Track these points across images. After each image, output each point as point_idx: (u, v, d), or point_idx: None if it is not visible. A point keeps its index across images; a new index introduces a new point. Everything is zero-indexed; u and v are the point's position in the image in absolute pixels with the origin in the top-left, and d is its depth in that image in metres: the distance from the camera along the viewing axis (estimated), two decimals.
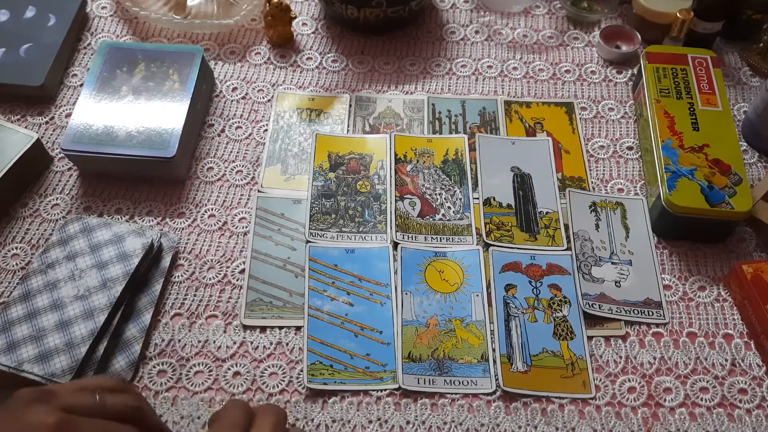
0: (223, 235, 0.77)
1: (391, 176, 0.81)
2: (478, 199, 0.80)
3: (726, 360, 0.69)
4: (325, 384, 0.66)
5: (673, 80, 0.82)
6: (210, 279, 0.73)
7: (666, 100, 0.80)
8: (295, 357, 0.68)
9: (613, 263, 0.75)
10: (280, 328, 0.70)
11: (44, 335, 0.65)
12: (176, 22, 0.93)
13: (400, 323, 0.70)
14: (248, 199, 0.80)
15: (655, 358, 0.69)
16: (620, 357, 0.69)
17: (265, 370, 0.68)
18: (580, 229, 0.77)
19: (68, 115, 0.85)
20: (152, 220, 0.77)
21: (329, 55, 0.94)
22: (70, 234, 0.73)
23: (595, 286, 0.73)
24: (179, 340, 0.69)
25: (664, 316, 0.71)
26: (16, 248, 0.75)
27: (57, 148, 0.83)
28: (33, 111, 0.86)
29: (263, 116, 0.87)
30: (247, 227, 0.77)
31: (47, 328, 0.66)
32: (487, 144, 0.84)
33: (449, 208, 0.79)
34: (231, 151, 0.84)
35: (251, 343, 0.69)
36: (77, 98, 0.83)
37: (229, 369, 0.68)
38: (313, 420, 0.64)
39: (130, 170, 0.79)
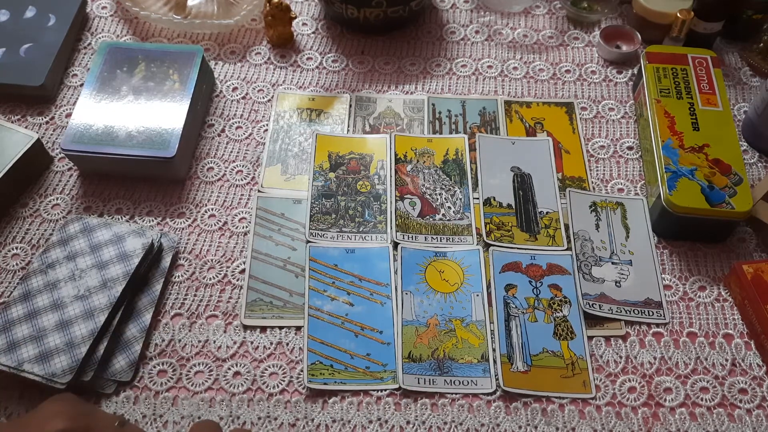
0: (223, 235, 0.77)
1: (391, 176, 0.81)
2: (478, 199, 0.80)
3: (726, 360, 0.69)
4: (325, 384, 0.66)
5: (673, 80, 0.82)
6: (210, 279, 0.73)
7: (666, 100, 0.80)
8: (296, 357, 0.68)
9: (613, 263, 0.75)
10: (281, 328, 0.70)
11: (44, 335, 0.65)
12: (176, 22, 0.93)
13: (401, 323, 0.70)
14: (248, 199, 0.80)
15: (655, 358, 0.69)
16: (620, 357, 0.69)
17: (266, 370, 0.68)
18: (580, 229, 0.77)
19: (68, 115, 0.85)
20: (152, 220, 0.77)
21: (329, 55, 0.94)
22: (70, 234, 0.73)
23: (595, 286, 0.73)
24: (179, 340, 0.69)
25: (664, 316, 0.71)
26: (17, 248, 0.75)
27: (57, 148, 0.83)
28: (33, 111, 0.86)
29: (263, 116, 0.87)
30: (247, 227, 0.77)
31: (47, 328, 0.66)
32: (487, 144, 0.84)
33: (449, 208, 0.79)
34: (231, 151, 0.84)
35: (251, 343, 0.69)
36: (77, 98, 0.83)
37: (229, 369, 0.68)
38: (313, 420, 0.64)
39: (130, 170, 0.79)
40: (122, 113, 0.80)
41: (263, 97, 0.89)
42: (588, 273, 0.74)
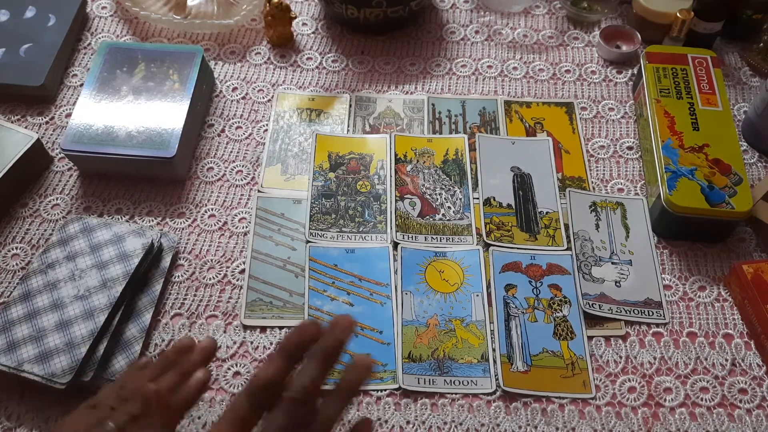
0: (223, 235, 0.77)
1: (391, 176, 0.81)
2: (478, 199, 0.80)
3: (726, 360, 0.69)
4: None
5: (673, 80, 0.82)
6: (210, 279, 0.73)
7: (666, 100, 0.80)
8: None
9: (613, 263, 0.75)
10: (281, 328, 0.70)
11: (44, 335, 0.65)
12: (176, 22, 0.93)
13: (400, 323, 0.70)
14: (248, 199, 0.80)
15: (655, 358, 0.69)
16: (620, 357, 0.69)
17: None
18: (580, 229, 0.77)
19: (68, 115, 0.85)
20: (152, 220, 0.77)
21: (329, 55, 0.94)
22: (70, 234, 0.73)
23: (595, 286, 0.73)
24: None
25: (664, 316, 0.71)
26: (17, 248, 0.75)
27: (57, 148, 0.83)
28: (33, 111, 0.86)
29: (263, 116, 0.87)
30: (247, 227, 0.77)
31: (47, 328, 0.66)
32: (487, 144, 0.84)
33: (449, 208, 0.79)
34: (231, 151, 0.84)
35: (251, 343, 0.69)
36: (77, 98, 0.83)
37: (229, 369, 0.68)
38: None
39: (130, 170, 0.79)
40: (122, 113, 0.80)
41: (263, 97, 0.89)
42: (588, 273, 0.74)
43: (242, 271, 0.74)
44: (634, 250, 0.76)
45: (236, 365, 0.68)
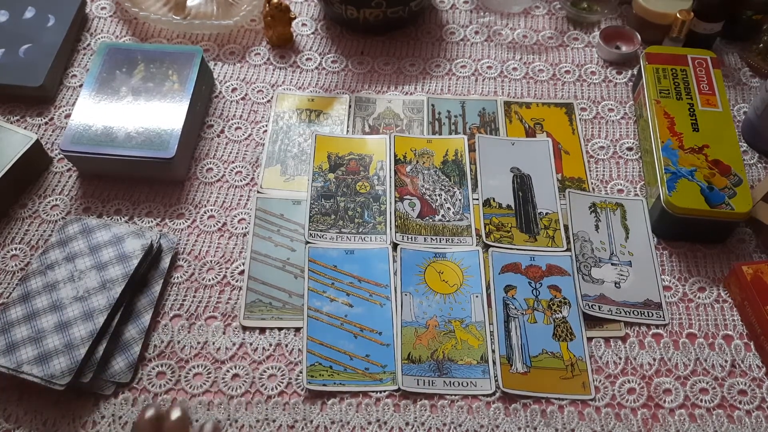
0: (222, 236, 0.77)
1: (390, 177, 0.81)
2: (477, 199, 0.79)
3: (726, 361, 0.69)
4: (324, 385, 0.66)
5: (672, 81, 0.82)
6: (209, 280, 0.73)
7: (666, 101, 0.80)
8: (295, 358, 0.68)
9: (612, 264, 0.75)
10: (280, 329, 0.70)
11: (43, 336, 0.65)
12: (176, 22, 0.93)
13: (400, 324, 0.70)
14: (248, 200, 0.80)
15: (654, 359, 0.69)
16: (620, 358, 0.69)
17: (264, 371, 0.68)
18: (579, 230, 0.77)
19: (67, 116, 0.85)
20: (152, 221, 0.77)
21: (329, 55, 0.94)
22: (69, 235, 0.73)
23: (594, 287, 0.73)
24: (178, 342, 0.69)
25: (663, 317, 0.71)
26: (16, 249, 0.75)
27: (56, 149, 0.83)
28: (32, 111, 0.86)
29: (263, 117, 0.87)
30: (246, 228, 0.77)
31: (46, 329, 0.66)
32: (487, 145, 0.84)
33: (449, 209, 0.79)
34: (230, 152, 0.84)
35: (250, 344, 0.69)
36: (76, 99, 0.83)
37: (228, 371, 0.67)
38: (312, 421, 0.64)
39: (129, 171, 0.79)
40: (121, 114, 0.80)
41: (262, 98, 0.89)
42: (587, 274, 0.74)
43: (241, 272, 0.74)
44: (634, 251, 0.76)
45: (235, 367, 0.68)
